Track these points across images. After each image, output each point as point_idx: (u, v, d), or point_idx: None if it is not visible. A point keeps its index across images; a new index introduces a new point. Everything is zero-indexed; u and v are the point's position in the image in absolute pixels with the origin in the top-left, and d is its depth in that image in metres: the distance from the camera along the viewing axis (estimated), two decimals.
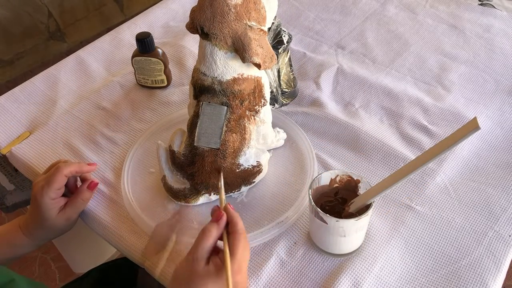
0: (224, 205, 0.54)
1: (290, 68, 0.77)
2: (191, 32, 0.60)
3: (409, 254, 0.57)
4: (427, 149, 0.69)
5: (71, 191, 0.65)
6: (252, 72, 0.60)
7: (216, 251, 0.51)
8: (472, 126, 0.42)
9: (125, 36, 0.99)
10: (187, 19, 0.60)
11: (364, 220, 0.53)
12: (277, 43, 0.71)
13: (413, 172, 0.48)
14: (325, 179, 0.56)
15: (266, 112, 0.64)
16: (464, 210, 0.61)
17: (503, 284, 0.56)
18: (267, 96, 0.64)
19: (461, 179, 0.65)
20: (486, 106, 0.76)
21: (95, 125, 0.79)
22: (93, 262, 0.82)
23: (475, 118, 0.42)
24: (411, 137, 0.72)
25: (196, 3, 0.59)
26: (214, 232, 0.50)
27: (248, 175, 0.63)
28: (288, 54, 0.75)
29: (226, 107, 0.59)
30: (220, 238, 0.51)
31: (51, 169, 0.62)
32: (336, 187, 0.57)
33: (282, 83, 0.76)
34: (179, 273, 0.50)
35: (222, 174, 0.60)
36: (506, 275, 0.56)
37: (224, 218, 0.52)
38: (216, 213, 0.52)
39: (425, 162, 0.47)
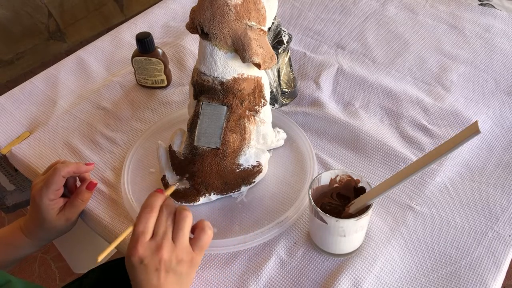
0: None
1: (290, 68, 0.77)
2: (191, 32, 0.60)
3: (409, 254, 0.57)
4: (427, 150, 0.69)
5: (70, 191, 0.65)
6: (252, 72, 0.60)
7: None
8: (472, 130, 0.42)
9: (125, 36, 0.99)
10: (187, 19, 0.60)
11: (364, 220, 0.53)
12: (277, 43, 0.71)
13: (412, 175, 0.48)
14: (325, 179, 0.56)
15: (266, 112, 0.64)
16: (464, 210, 0.61)
17: (503, 284, 0.56)
18: (267, 96, 0.64)
19: (461, 179, 0.65)
20: (486, 106, 0.76)
21: (95, 125, 0.79)
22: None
23: (476, 122, 0.42)
24: (411, 137, 0.72)
25: (196, 3, 0.59)
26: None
27: (248, 175, 0.63)
28: (288, 54, 0.75)
29: (226, 107, 0.59)
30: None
31: (50, 169, 0.62)
32: (336, 187, 0.57)
33: (282, 83, 0.76)
34: None
35: None
36: (506, 275, 0.56)
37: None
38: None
39: (424, 165, 0.47)
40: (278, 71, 0.74)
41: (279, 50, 0.71)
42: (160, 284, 0.48)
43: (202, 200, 0.63)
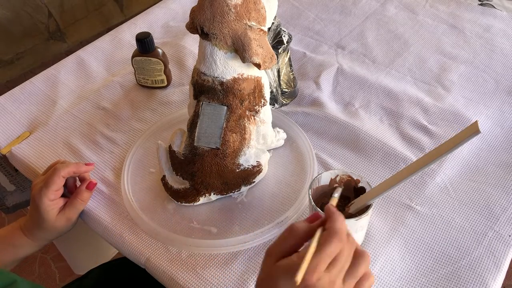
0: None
1: (290, 68, 0.77)
2: (191, 32, 0.60)
3: (409, 254, 0.57)
4: (427, 150, 0.69)
5: (70, 191, 0.65)
6: (252, 72, 0.60)
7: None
8: (472, 130, 0.42)
9: (125, 36, 0.99)
10: (187, 19, 0.60)
11: (364, 220, 0.53)
12: (277, 43, 0.71)
13: (412, 175, 0.48)
14: (325, 179, 0.56)
15: (266, 112, 0.64)
16: (464, 210, 0.61)
17: (503, 284, 0.56)
18: (267, 96, 0.64)
19: (461, 179, 0.65)
20: (486, 106, 0.76)
21: (95, 125, 0.79)
22: (93, 262, 0.82)
23: (476, 122, 0.42)
24: (411, 137, 0.72)
25: (196, 3, 0.59)
26: (300, 229, 0.42)
27: (248, 175, 0.63)
28: (288, 54, 0.75)
29: (226, 107, 0.59)
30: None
31: (50, 170, 0.62)
32: (336, 187, 0.57)
33: (282, 83, 0.76)
34: (261, 270, 0.43)
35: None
36: (506, 275, 0.56)
37: (319, 219, 0.43)
38: (313, 214, 0.44)
39: (424, 165, 0.47)
40: (278, 71, 0.74)
41: (279, 50, 0.71)
42: None
43: (202, 200, 0.63)
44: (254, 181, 0.65)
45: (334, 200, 0.51)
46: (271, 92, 0.74)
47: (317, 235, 0.40)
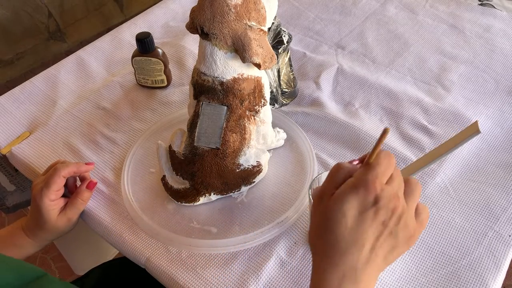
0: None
1: (290, 68, 0.77)
2: (191, 32, 0.60)
3: (409, 254, 0.57)
4: (427, 150, 0.69)
5: (70, 191, 0.65)
6: (252, 72, 0.60)
7: None
8: (472, 130, 0.42)
9: (125, 36, 0.99)
10: (187, 19, 0.60)
11: None
12: (277, 43, 0.71)
13: (412, 175, 0.48)
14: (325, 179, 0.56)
15: (266, 112, 0.64)
16: (464, 210, 0.61)
17: (503, 284, 0.56)
18: (267, 96, 0.64)
19: (461, 179, 0.65)
20: (486, 106, 0.76)
21: (95, 125, 0.79)
22: (93, 262, 0.82)
23: (476, 122, 0.42)
24: (411, 137, 0.72)
25: (196, 3, 0.59)
26: (346, 166, 0.41)
27: (248, 175, 0.63)
28: (288, 54, 0.75)
29: (226, 107, 0.59)
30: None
31: (50, 170, 0.62)
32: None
33: (282, 83, 0.76)
34: (311, 218, 0.43)
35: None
36: (506, 275, 0.56)
37: (359, 162, 0.43)
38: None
39: (424, 165, 0.47)
40: (278, 71, 0.74)
41: (279, 50, 0.71)
42: (374, 246, 0.39)
43: (202, 200, 0.63)
44: (254, 181, 0.65)
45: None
46: (271, 92, 0.74)
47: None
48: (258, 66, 0.57)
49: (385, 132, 0.38)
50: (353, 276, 0.39)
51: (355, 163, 0.43)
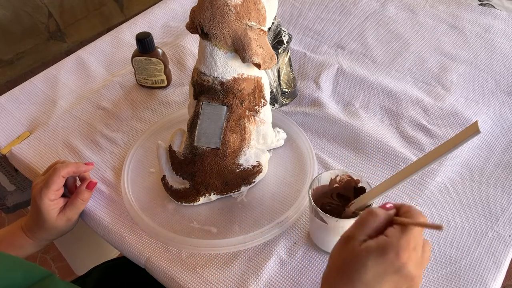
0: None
1: (290, 68, 0.77)
2: (191, 32, 0.60)
3: None
4: (427, 150, 0.69)
5: (70, 191, 0.65)
6: (252, 72, 0.60)
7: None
8: (472, 130, 0.42)
9: (125, 36, 0.99)
10: (187, 19, 0.60)
11: None
12: (277, 43, 0.71)
13: (412, 175, 0.48)
14: (325, 179, 0.56)
15: (266, 112, 0.64)
16: (464, 210, 0.61)
17: (503, 284, 0.56)
18: (267, 96, 0.64)
19: (461, 179, 0.65)
20: (486, 106, 0.76)
21: (95, 125, 0.79)
22: (93, 262, 0.82)
23: (476, 122, 0.42)
24: (411, 137, 0.72)
25: (196, 3, 0.59)
26: (380, 214, 0.42)
27: (248, 175, 0.63)
28: (288, 54, 0.75)
29: (226, 107, 0.59)
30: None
31: (50, 170, 0.62)
32: (336, 187, 0.57)
33: (282, 83, 0.76)
34: (334, 255, 0.44)
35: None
36: (506, 275, 0.56)
37: (393, 207, 0.43)
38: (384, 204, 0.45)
39: (424, 165, 0.47)
40: (278, 71, 0.74)
41: (279, 50, 0.71)
42: None
43: (202, 200, 0.63)
44: (254, 181, 0.65)
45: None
46: (271, 92, 0.74)
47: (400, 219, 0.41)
48: (258, 66, 0.57)
49: (437, 228, 0.39)
50: None
51: (388, 206, 0.43)
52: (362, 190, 0.55)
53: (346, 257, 0.41)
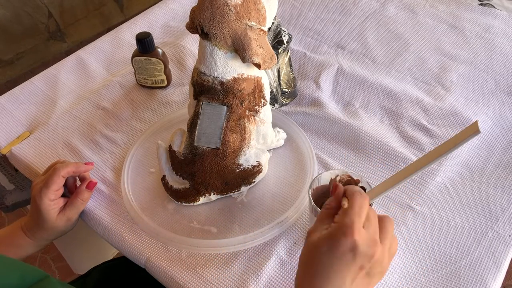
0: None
1: (290, 68, 0.77)
2: (191, 32, 0.60)
3: (409, 254, 0.57)
4: (427, 150, 0.69)
5: (70, 191, 0.65)
6: (252, 72, 0.60)
7: None
8: (472, 130, 0.42)
9: (125, 36, 0.99)
10: (187, 19, 0.60)
11: None
12: (277, 43, 0.71)
13: (412, 175, 0.48)
14: (325, 179, 0.56)
15: (266, 112, 0.64)
16: (464, 210, 0.61)
17: (502, 284, 0.56)
18: (267, 96, 0.64)
19: (461, 179, 0.65)
20: (486, 106, 0.76)
21: (95, 125, 0.79)
22: (93, 262, 0.82)
23: (476, 122, 0.42)
24: (411, 137, 0.72)
25: (196, 3, 0.59)
26: (333, 205, 0.45)
27: (248, 175, 0.63)
28: (288, 54, 0.75)
29: (226, 107, 0.59)
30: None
31: (50, 170, 0.62)
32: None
33: (282, 83, 0.76)
34: (301, 253, 0.45)
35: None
36: (506, 275, 0.56)
37: (340, 186, 0.46)
38: (333, 185, 0.48)
39: (424, 165, 0.47)
40: (278, 71, 0.74)
41: (279, 50, 0.71)
42: (350, 287, 0.41)
43: (202, 200, 0.63)
44: (254, 181, 0.65)
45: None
46: (271, 92, 0.74)
47: (344, 200, 0.45)
48: (258, 66, 0.57)
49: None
50: None
51: (334, 188, 0.47)
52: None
53: (306, 252, 0.44)
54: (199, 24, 0.57)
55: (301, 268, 0.45)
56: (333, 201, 0.46)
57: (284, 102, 0.78)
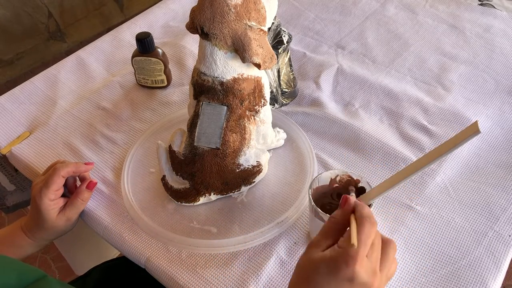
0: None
1: (290, 68, 0.77)
2: (191, 32, 0.60)
3: (409, 254, 0.57)
4: (427, 150, 0.69)
5: (70, 191, 0.65)
6: (252, 72, 0.60)
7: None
8: (472, 130, 0.42)
9: (125, 36, 0.99)
10: (187, 19, 0.60)
11: None
12: (277, 43, 0.71)
13: (412, 175, 0.48)
14: (325, 179, 0.56)
15: (266, 112, 0.64)
16: (464, 210, 0.61)
17: (502, 284, 0.56)
18: (267, 96, 0.64)
19: (461, 179, 0.65)
20: (486, 106, 0.76)
21: (95, 125, 0.79)
22: (93, 262, 0.82)
23: (476, 122, 0.42)
24: (411, 137, 0.72)
25: (196, 3, 0.59)
26: (337, 216, 0.44)
27: (248, 175, 0.63)
28: (288, 54, 0.75)
29: (226, 107, 0.59)
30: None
31: (50, 170, 0.62)
32: (336, 187, 0.57)
33: (282, 83, 0.76)
34: (299, 263, 0.45)
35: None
36: (506, 275, 0.56)
37: (351, 201, 0.45)
38: (343, 197, 0.46)
39: (424, 165, 0.47)
40: (278, 71, 0.74)
41: (279, 50, 0.71)
42: None
43: (202, 200, 0.63)
44: (254, 181, 0.65)
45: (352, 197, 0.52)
46: (271, 92, 0.74)
47: (353, 224, 0.43)
48: (258, 66, 0.57)
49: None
50: None
51: (344, 201, 0.45)
52: (362, 190, 0.55)
53: (305, 265, 0.43)
54: (199, 24, 0.57)
55: (296, 277, 0.44)
56: (340, 215, 0.45)
57: (284, 102, 0.78)
